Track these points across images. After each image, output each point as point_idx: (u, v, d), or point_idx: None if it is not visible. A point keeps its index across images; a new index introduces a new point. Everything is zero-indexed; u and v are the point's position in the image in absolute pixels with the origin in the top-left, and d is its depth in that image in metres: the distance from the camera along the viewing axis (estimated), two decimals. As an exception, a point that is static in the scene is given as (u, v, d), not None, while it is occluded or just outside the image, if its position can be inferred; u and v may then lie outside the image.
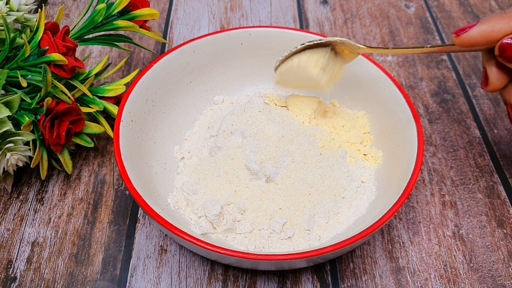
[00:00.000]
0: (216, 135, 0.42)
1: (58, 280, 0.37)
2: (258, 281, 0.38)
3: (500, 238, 0.41)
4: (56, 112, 0.39)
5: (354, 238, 0.31)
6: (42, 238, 0.40)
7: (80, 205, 0.42)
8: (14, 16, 0.42)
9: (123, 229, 0.41)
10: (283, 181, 0.38)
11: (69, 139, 0.41)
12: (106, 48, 0.58)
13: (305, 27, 0.62)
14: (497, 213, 0.42)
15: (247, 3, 0.65)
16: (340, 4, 0.65)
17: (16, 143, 0.38)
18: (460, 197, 0.43)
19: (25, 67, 0.40)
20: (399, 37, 0.60)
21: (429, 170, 0.46)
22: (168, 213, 0.36)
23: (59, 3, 0.65)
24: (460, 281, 0.38)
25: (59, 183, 0.44)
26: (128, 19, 0.46)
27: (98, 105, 0.43)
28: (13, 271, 0.38)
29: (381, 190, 0.39)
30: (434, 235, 0.41)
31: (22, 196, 0.43)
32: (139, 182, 0.35)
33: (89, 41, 0.46)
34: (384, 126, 0.42)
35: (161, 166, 0.41)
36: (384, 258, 0.39)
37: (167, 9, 0.64)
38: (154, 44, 0.59)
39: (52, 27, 0.41)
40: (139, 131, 0.40)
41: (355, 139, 0.43)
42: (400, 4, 0.65)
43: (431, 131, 0.49)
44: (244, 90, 0.49)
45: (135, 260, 0.39)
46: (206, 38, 0.45)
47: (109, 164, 0.46)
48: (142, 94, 0.41)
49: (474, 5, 0.65)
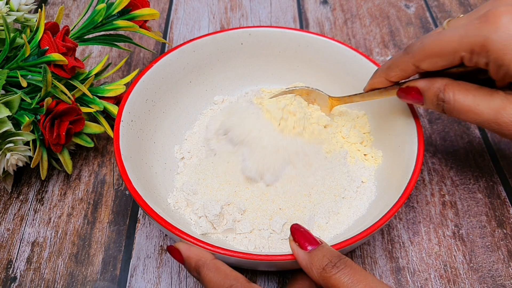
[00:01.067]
0: (209, 139, 0.42)
1: (58, 280, 0.37)
2: (258, 281, 0.38)
3: (500, 238, 0.41)
4: (56, 112, 0.39)
5: (354, 238, 0.31)
6: (42, 238, 0.40)
7: (80, 205, 0.42)
8: (14, 16, 0.42)
9: (123, 229, 0.41)
10: (283, 183, 0.38)
11: (69, 139, 0.41)
12: (106, 48, 0.58)
13: (305, 27, 0.62)
14: (497, 213, 0.42)
15: (247, 3, 0.65)
16: (340, 4, 0.65)
17: (16, 143, 0.38)
18: (460, 197, 0.43)
19: (25, 67, 0.40)
20: (399, 37, 0.60)
21: (429, 170, 0.46)
22: (168, 213, 0.36)
23: (59, 3, 0.65)
24: (460, 281, 0.38)
25: (59, 183, 0.44)
26: (128, 19, 0.46)
27: (98, 105, 0.43)
28: (13, 271, 0.38)
29: (381, 190, 0.39)
30: (434, 235, 0.41)
31: (22, 196, 0.43)
32: (139, 182, 0.35)
33: (89, 41, 0.46)
34: (384, 126, 0.42)
35: (161, 166, 0.41)
36: (384, 258, 0.39)
37: (167, 9, 0.64)
38: (154, 44, 0.59)
39: (52, 27, 0.41)
40: (139, 131, 0.40)
41: (355, 139, 0.43)
42: (400, 4, 0.65)
43: (431, 131, 0.49)
44: (244, 90, 0.49)
45: (135, 260, 0.39)
46: (206, 38, 0.45)
47: (109, 164, 0.46)
48: (142, 94, 0.41)
49: (474, 5, 0.65)
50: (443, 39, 0.31)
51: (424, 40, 0.33)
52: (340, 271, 0.26)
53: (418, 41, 0.33)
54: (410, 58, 0.33)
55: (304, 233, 0.30)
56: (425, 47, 0.32)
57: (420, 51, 0.33)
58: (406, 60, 0.34)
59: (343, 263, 0.27)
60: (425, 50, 0.32)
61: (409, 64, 0.34)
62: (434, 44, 0.32)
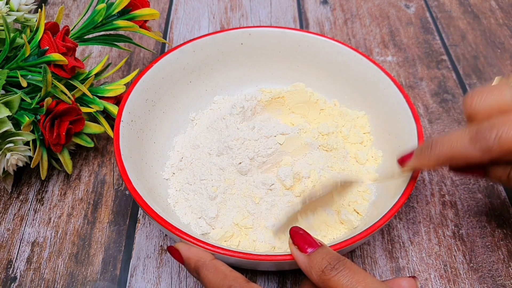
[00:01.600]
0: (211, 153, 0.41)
1: (58, 280, 0.37)
2: (258, 281, 0.38)
3: (500, 238, 0.41)
4: (56, 112, 0.39)
5: (354, 238, 0.31)
6: (42, 238, 0.40)
7: (80, 205, 0.42)
8: (14, 16, 0.42)
9: (123, 229, 0.41)
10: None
11: (69, 139, 0.41)
12: (106, 48, 0.58)
13: (305, 27, 0.62)
14: (497, 213, 0.42)
15: (247, 3, 0.65)
16: (340, 4, 0.65)
17: (16, 143, 0.38)
18: (460, 197, 0.43)
19: (25, 67, 0.40)
20: (399, 37, 0.60)
21: (429, 170, 0.46)
22: (168, 213, 0.36)
23: (59, 3, 0.65)
24: (460, 281, 0.38)
25: (59, 183, 0.44)
26: (128, 19, 0.46)
27: (98, 105, 0.43)
28: (13, 271, 0.38)
29: (381, 190, 0.39)
30: (434, 235, 0.41)
31: (22, 196, 0.43)
32: (139, 182, 0.35)
33: (89, 41, 0.46)
34: (384, 126, 0.42)
35: (161, 166, 0.41)
36: (384, 258, 0.39)
37: (167, 9, 0.64)
38: (154, 44, 0.59)
39: (52, 27, 0.41)
40: (139, 131, 0.40)
41: (355, 139, 0.43)
42: (400, 4, 0.65)
43: (431, 131, 0.49)
44: (244, 90, 0.49)
45: (135, 260, 0.39)
46: (206, 38, 0.45)
47: (109, 164, 0.46)
48: (142, 94, 0.41)
49: (474, 5, 0.65)
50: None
51: (503, 133, 0.27)
52: (339, 273, 0.26)
53: (492, 133, 0.27)
54: (484, 154, 0.28)
55: (303, 235, 0.30)
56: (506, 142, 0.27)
57: (501, 147, 0.27)
58: (479, 156, 0.28)
59: (342, 264, 0.27)
60: (508, 146, 0.27)
61: (483, 160, 0.29)
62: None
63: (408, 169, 0.34)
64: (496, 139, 0.27)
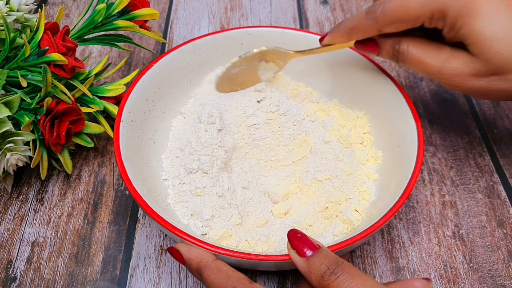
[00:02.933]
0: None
1: (58, 280, 0.37)
2: (258, 281, 0.38)
3: (500, 238, 0.41)
4: (56, 112, 0.39)
5: (354, 238, 0.31)
6: (42, 238, 0.40)
7: (80, 205, 0.42)
8: (14, 16, 0.42)
9: (123, 229, 0.41)
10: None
11: (69, 139, 0.41)
12: (106, 48, 0.58)
13: (305, 27, 0.62)
14: (497, 213, 0.42)
15: (247, 3, 0.65)
16: (340, 4, 0.65)
17: (16, 143, 0.38)
18: (460, 197, 0.43)
19: (25, 67, 0.40)
20: (399, 37, 0.60)
21: (429, 170, 0.46)
22: (168, 213, 0.36)
23: (59, 3, 0.65)
24: (460, 281, 0.38)
25: (59, 183, 0.44)
26: (128, 19, 0.46)
27: (98, 105, 0.43)
28: (13, 271, 0.38)
29: (381, 190, 0.39)
30: (434, 235, 0.41)
31: (22, 196, 0.43)
32: (139, 182, 0.35)
33: (89, 41, 0.46)
34: (384, 126, 0.42)
35: (161, 166, 0.41)
36: (384, 258, 0.39)
37: (167, 9, 0.64)
38: (154, 44, 0.59)
39: (52, 27, 0.41)
40: (139, 131, 0.40)
41: (355, 139, 0.43)
42: (400, 4, 0.65)
43: (431, 131, 0.49)
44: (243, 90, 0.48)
45: (135, 260, 0.39)
46: (206, 38, 0.45)
47: (109, 164, 0.46)
48: (142, 94, 0.41)
49: (474, 5, 0.65)
50: (406, 6, 0.33)
51: (387, 6, 0.34)
52: (338, 278, 0.26)
53: (380, 6, 0.35)
54: (373, 23, 0.35)
55: (302, 238, 0.29)
56: (388, 13, 0.34)
57: (384, 17, 0.34)
58: (369, 25, 0.36)
59: (341, 269, 0.27)
60: (389, 16, 0.34)
61: (372, 29, 0.36)
62: (397, 11, 0.34)
63: (325, 43, 0.40)
64: (382, 11, 0.34)
